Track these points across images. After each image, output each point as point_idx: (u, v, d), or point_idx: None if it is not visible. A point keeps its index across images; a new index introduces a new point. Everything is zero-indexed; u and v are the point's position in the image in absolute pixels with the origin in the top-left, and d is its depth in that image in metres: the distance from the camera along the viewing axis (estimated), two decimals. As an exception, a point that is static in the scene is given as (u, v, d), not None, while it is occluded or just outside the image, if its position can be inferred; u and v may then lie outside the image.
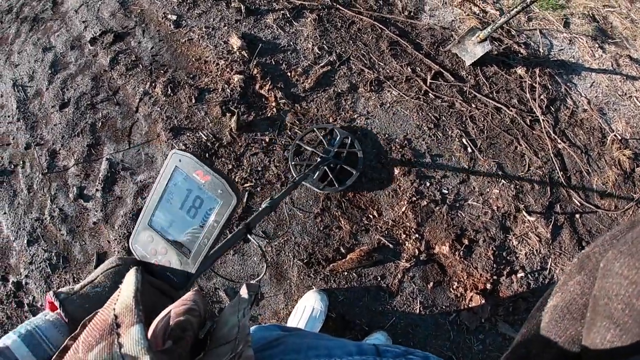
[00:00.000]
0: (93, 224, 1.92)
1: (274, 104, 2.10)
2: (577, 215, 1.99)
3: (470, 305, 1.80)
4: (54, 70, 2.30)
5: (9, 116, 2.19)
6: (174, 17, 2.36)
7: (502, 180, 2.01)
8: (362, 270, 1.84)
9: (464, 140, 2.08)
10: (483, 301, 1.80)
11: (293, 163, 1.99)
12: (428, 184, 1.98)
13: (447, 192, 1.98)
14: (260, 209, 1.06)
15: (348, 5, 2.42)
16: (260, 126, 2.07)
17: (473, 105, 2.17)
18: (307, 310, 1.71)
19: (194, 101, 2.12)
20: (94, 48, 2.32)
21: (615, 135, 2.15)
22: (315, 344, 0.66)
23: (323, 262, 1.85)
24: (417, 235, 1.89)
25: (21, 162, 2.07)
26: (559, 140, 2.12)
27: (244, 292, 0.51)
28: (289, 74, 2.20)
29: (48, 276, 1.85)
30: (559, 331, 0.36)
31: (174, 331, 0.39)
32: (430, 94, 2.17)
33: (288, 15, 2.37)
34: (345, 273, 1.83)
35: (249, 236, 0.87)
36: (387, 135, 2.07)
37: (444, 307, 1.81)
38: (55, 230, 1.92)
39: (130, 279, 0.39)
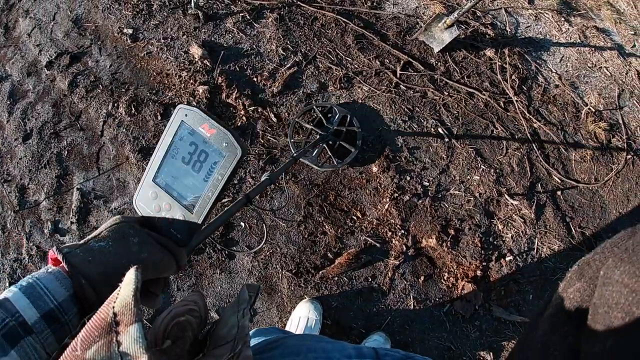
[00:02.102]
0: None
1: (242, 112, 2.04)
2: (559, 192, 2.00)
3: (463, 294, 1.81)
4: (12, 100, 2.19)
5: (-29, 155, 2.10)
6: (130, 31, 2.27)
7: (482, 166, 2.00)
8: (352, 273, 1.82)
9: (439, 129, 2.05)
10: (475, 288, 1.80)
11: (292, 141, 1.98)
12: (408, 178, 1.96)
13: (428, 184, 1.96)
14: (260, 181, 1.11)
15: (309, 1, 2.35)
16: (232, 137, 2.01)
17: (445, 93, 2.14)
18: (302, 321, 1.69)
19: (159, 118, 2.05)
20: (51, 72, 2.22)
21: (589, 109, 2.15)
22: (314, 346, 0.66)
23: (312, 270, 1.82)
24: (402, 231, 1.88)
25: (-10, 202, 1.99)
26: (534, 120, 2.11)
27: (244, 292, 0.50)
28: (255, 79, 2.14)
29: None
30: (558, 339, 0.35)
31: (173, 331, 0.39)
32: (401, 86, 2.13)
33: (248, 17, 2.29)
34: (336, 278, 1.81)
35: (249, 205, 0.91)
36: (362, 133, 2.03)
37: (437, 299, 1.81)
38: (35, 269, 1.85)
39: (130, 278, 0.38)
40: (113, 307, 0.36)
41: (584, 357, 0.32)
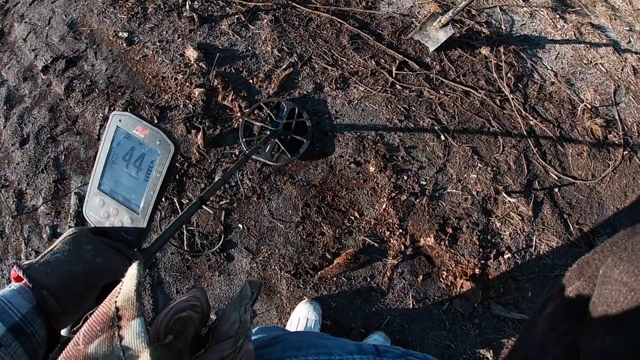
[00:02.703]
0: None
1: (239, 114, 2.04)
2: (556, 189, 2.00)
3: (461, 292, 1.81)
4: (9, 105, 2.19)
5: (-33, 161, 2.10)
6: (125, 35, 2.27)
7: (479, 164, 2.00)
8: (351, 273, 1.82)
9: (436, 128, 2.06)
10: (474, 286, 1.80)
11: (244, 140, 1.99)
12: (405, 178, 1.96)
13: (425, 183, 1.96)
14: (214, 181, 1.11)
15: (303, 1, 2.35)
16: (228, 139, 2.02)
17: (441, 92, 2.14)
18: (301, 321, 1.69)
19: (156, 121, 2.05)
20: (47, 77, 2.22)
21: (585, 105, 2.15)
22: (315, 342, 0.66)
23: (311, 271, 1.82)
24: (400, 231, 1.88)
25: (-12, 207, 1.99)
26: (530, 117, 2.11)
27: (246, 288, 0.51)
28: (250, 81, 2.14)
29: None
30: (557, 337, 0.35)
31: (175, 326, 0.40)
32: (397, 85, 2.13)
33: (243, 19, 2.29)
34: (335, 279, 1.81)
35: (204, 206, 0.93)
36: (358, 133, 2.04)
37: (436, 298, 1.81)
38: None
39: (132, 273, 0.39)
40: (115, 302, 0.37)
41: (582, 355, 0.32)
